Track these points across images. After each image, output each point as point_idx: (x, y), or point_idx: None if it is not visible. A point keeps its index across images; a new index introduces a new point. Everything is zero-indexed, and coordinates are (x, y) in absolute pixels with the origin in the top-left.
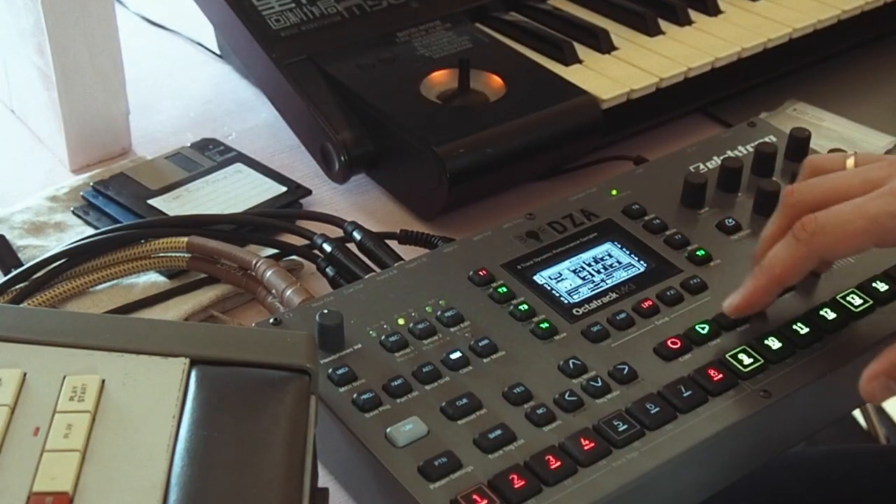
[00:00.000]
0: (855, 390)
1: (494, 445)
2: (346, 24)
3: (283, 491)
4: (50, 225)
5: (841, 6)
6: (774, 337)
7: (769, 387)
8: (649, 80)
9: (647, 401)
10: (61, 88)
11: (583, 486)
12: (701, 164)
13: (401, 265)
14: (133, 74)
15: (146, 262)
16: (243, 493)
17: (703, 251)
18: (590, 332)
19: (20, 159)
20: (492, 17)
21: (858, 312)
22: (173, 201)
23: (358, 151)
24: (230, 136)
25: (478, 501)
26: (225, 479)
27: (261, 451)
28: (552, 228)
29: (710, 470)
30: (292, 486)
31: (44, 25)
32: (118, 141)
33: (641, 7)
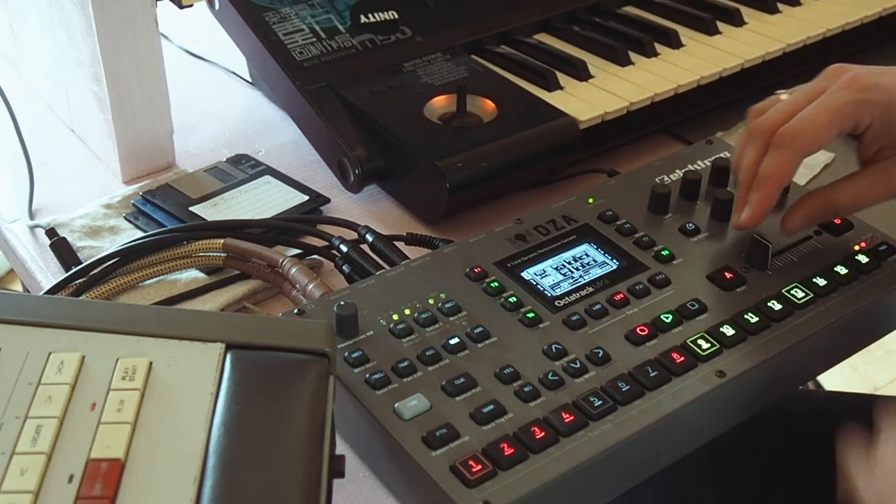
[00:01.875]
0: (799, 370)
1: (487, 418)
2: (360, 56)
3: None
4: (105, 229)
5: (786, 40)
6: (729, 325)
7: (724, 368)
8: (621, 103)
9: (619, 380)
10: (115, 111)
11: (564, 454)
12: (665, 177)
13: (407, 263)
14: (177, 99)
15: (188, 260)
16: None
17: (668, 251)
18: (570, 320)
19: (79, 172)
20: (486, 50)
21: (801, 304)
22: (211, 208)
23: (370, 165)
24: (260, 152)
25: (473, 466)
26: (256, 447)
27: (286, 423)
28: (537, 231)
29: (673, 440)
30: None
31: (100, 57)
32: (164, 156)
33: (614, 41)
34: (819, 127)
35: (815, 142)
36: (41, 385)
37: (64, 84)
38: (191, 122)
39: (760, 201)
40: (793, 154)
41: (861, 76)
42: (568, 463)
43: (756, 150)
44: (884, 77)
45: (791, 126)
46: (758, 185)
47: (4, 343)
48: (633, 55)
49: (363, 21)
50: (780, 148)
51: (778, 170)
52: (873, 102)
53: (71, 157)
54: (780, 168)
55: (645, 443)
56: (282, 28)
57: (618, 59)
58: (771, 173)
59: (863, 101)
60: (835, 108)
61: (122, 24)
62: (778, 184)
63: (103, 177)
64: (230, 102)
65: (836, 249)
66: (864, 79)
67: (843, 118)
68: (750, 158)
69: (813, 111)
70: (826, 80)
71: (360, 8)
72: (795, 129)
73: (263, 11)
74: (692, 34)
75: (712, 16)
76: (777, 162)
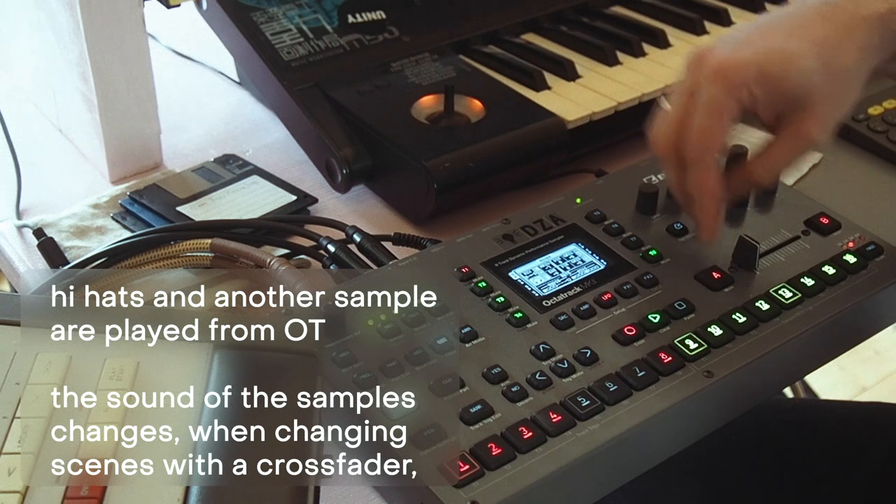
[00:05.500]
0: (787, 370)
1: (475, 418)
2: (348, 56)
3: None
4: (92, 229)
5: None
6: (716, 325)
7: (712, 368)
8: (608, 103)
9: (607, 380)
10: (102, 111)
11: (551, 454)
12: (653, 177)
13: (395, 263)
14: (164, 99)
15: (175, 260)
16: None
17: (655, 251)
18: (557, 320)
19: (67, 172)
20: (473, 50)
21: (788, 304)
22: (199, 208)
23: (358, 165)
24: (247, 152)
25: (461, 467)
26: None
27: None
28: (525, 231)
29: (661, 440)
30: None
31: (87, 57)
32: (151, 156)
33: (602, 41)
34: (712, 131)
35: (717, 144)
36: (29, 385)
37: (51, 84)
38: (178, 122)
39: (706, 218)
40: (707, 166)
41: (723, 61)
42: (555, 463)
43: (672, 170)
44: (744, 50)
45: (691, 142)
46: (696, 205)
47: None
48: (621, 55)
49: (351, 21)
50: (694, 164)
51: (703, 185)
52: (745, 82)
53: (58, 157)
54: (703, 183)
55: (632, 443)
56: (269, 28)
57: (605, 59)
58: (700, 190)
59: (733, 86)
60: (714, 108)
61: (109, 23)
62: (711, 196)
63: (91, 177)
64: (218, 102)
65: (824, 249)
66: (727, 61)
67: (727, 111)
68: (672, 179)
69: (699, 119)
70: (691, 74)
71: (348, 8)
72: (696, 143)
73: (251, 11)
74: (680, 34)
75: (700, 16)
76: (698, 178)
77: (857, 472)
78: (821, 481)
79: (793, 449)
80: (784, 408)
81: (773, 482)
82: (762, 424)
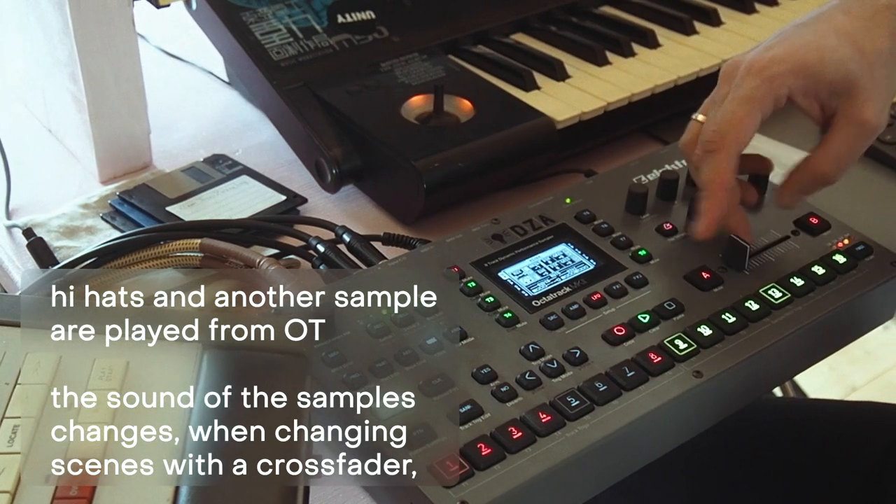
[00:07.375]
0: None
1: (465, 418)
2: (338, 56)
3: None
4: (82, 229)
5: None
6: (706, 325)
7: (701, 368)
8: (598, 104)
9: (596, 380)
10: (92, 111)
11: (541, 454)
12: (643, 177)
13: (384, 263)
14: (154, 99)
15: (165, 260)
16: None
17: (645, 251)
18: (547, 320)
19: (56, 172)
20: (463, 50)
21: (778, 304)
22: (188, 208)
23: (347, 165)
24: (237, 152)
25: (450, 467)
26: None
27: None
28: (515, 231)
29: (651, 440)
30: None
31: (76, 57)
32: (141, 156)
33: (591, 41)
34: (739, 120)
35: (742, 135)
36: (18, 385)
37: (41, 84)
38: (168, 122)
39: (710, 209)
40: (724, 154)
41: (756, 59)
42: (545, 463)
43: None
44: (775, 48)
45: (714, 128)
46: (703, 197)
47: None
48: (611, 55)
49: (340, 21)
50: (710, 152)
51: (716, 174)
52: (780, 74)
53: (48, 157)
54: (717, 172)
55: (622, 443)
56: (259, 28)
57: (595, 59)
58: (711, 179)
59: (769, 78)
60: (747, 97)
61: (99, 23)
62: (721, 187)
63: (80, 177)
64: (207, 102)
65: (814, 249)
66: (760, 60)
67: (759, 102)
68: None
69: (729, 107)
70: (726, 81)
71: (337, 8)
72: (719, 129)
73: (240, 11)
74: (669, 34)
75: (689, 16)
76: (712, 167)
77: (847, 472)
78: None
79: (783, 448)
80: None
81: (762, 481)
82: (752, 424)
